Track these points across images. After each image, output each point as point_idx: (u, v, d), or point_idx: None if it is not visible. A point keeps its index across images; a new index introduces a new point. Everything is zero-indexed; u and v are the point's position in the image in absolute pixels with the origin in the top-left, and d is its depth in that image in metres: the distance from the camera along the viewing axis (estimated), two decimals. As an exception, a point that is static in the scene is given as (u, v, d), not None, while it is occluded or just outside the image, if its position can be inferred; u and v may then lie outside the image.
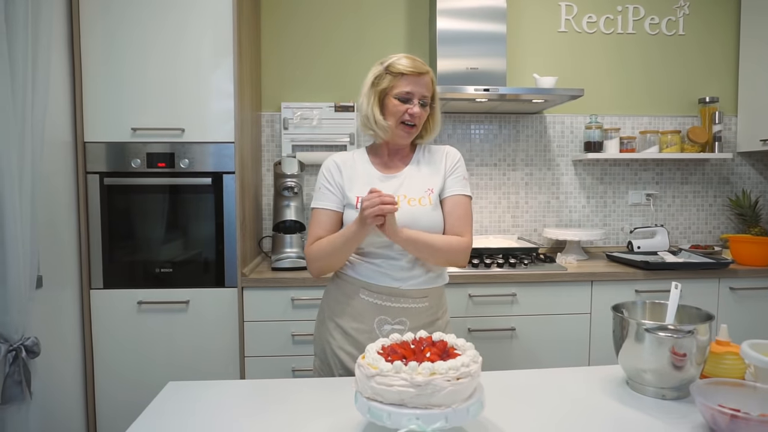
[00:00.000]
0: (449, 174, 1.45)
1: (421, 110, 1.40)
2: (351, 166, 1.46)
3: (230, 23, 2.09)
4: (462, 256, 1.41)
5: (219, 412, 1.10)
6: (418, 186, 1.42)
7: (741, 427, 0.93)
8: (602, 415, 1.09)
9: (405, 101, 1.38)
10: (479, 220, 2.83)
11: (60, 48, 2.00)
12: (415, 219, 1.37)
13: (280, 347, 2.16)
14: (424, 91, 1.39)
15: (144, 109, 2.09)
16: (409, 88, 1.37)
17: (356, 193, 1.40)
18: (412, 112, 1.38)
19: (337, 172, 1.44)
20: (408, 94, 1.38)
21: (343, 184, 1.43)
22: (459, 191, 1.44)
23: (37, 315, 1.72)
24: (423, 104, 1.40)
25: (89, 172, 2.10)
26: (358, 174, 1.44)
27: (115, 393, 2.12)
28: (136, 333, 2.12)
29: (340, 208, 1.43)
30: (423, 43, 2.76)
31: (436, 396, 0.89)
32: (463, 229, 1.41)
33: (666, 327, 1.15)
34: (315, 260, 1.40)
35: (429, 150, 1.51)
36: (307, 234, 1.47)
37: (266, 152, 2.72)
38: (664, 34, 2.86)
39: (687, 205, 2.93)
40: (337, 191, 1.43)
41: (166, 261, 2.14)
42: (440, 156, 1.48)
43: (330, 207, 1.43)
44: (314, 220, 1.44)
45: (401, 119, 1.39)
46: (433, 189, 1.43)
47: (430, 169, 1.46)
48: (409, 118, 1.38)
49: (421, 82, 1.38)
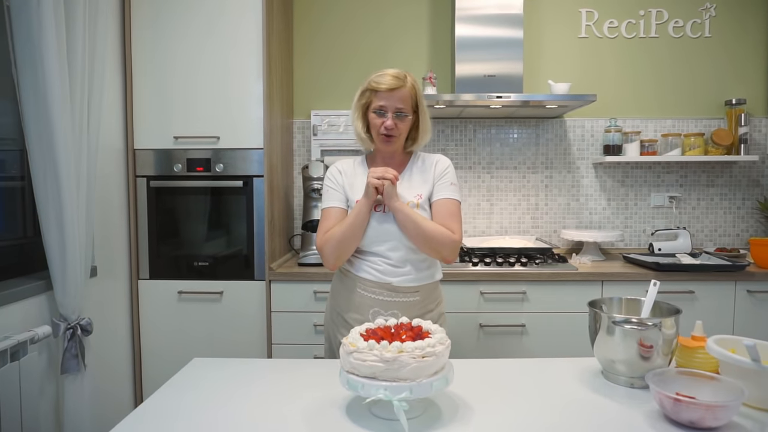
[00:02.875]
0: (437, 180, 1.57)
1: (396, 121, 1.51)
2: (351, 173, 1.62)
3: (260, 44, 2.31)
4: (448, 249, 1.49)
5: (231, 384, 1.29)
6: (408, 191, 1.56)
7: (682, 409, 1.02)
8: (574, 401, 1.18)
9: (381, 115, 1.52)
10: (499, 221, 2.93)
11: (114, 67, 2.27)
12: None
13: (304, 336, 2.35)
14: (397, 104, 1.50)
15: (185, 118, 2.35)
16: (383, 102, 1.50)
17: (356, 197, 1.56)
18: (386, 125, 1.51)
19: (339, 176, 1.61)
20: (382, 107, 1.51)
21: (345, 187, 1.59)
22: (447, 195, 1.56)
23: (92, 300, 1.99)
24: (399, 116, 1.51)
25: (138, 176, 2.38)
26: (357, 181, 1.59)
27: (159, 368, 2.38)
28: (177, 319, 2.38)
29: (346, 205, 1.59)
30: (445, 51, 2.89)
31: (402, 371, 1.03)
32: (451, 226, 1.51)
33: (632, 320, 1.25)
34: (328, 244, 1.50)
35: (422, 159, 1.63)
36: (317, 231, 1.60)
37: (297, 157, 2.93)
38: (689, 36, 2.85)
39: (713, 208, 2.91)
40: (341, 191, 1.59)
41: (203, 255, 2.38)
42: (430, 165, 1.61)
43: (337, 205, 1.58)
44: (323, 218, 1.60)
45: (379, 131, 1.53)
46: (422, 195, 1.56)
47: (420, 177, 1.59)
48: (384, 130, 1.52)
49: (394, 97, 1.50)
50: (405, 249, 1.53)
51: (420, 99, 1.56)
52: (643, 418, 1.09)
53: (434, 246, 1.49)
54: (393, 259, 1.53)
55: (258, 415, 1.11)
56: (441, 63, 2.89)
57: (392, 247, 1.53)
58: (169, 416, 1.12)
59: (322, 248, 1.53)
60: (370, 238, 1.53)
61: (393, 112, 1.51)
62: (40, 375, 1.69)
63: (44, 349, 1.72)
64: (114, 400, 2.17)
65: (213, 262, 2.38)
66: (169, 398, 1.21)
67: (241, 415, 1.11)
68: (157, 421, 1.10)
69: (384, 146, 1.56)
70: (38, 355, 1.66)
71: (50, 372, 1.76)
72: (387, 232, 1.52)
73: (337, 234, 1.49)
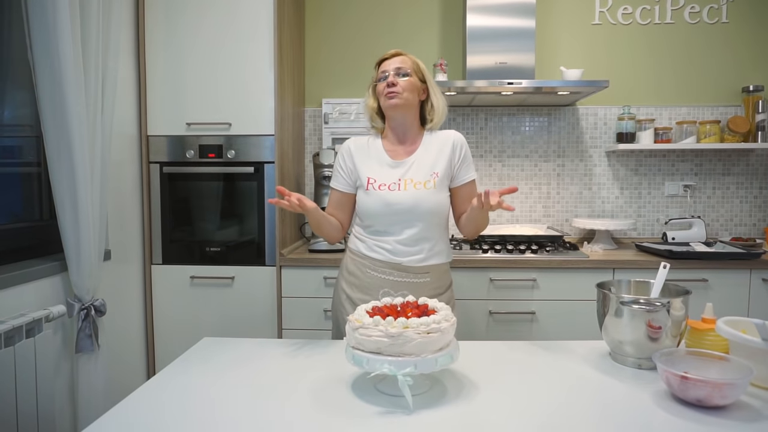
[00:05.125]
0: (459, 163, 1.59)
1: (397, 79, 1.55)
2: (365, 150, 1.62)
3: (272, 32, 2.33)
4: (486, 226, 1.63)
5: (240, 361, 1.31)
6: (423, 170, 1.56)
7: (689, 387, 1.01)
8: (580, 381, 1.18)
9: (383, 80, 1.56)
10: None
11: (128, 55, 2.30)
12: (418, 201, 1.52)
13: (314, 321, 2.36)
14: (397, 64, 1.57)
15: (197, 106, 2.37)
16: (384, 68, 1.58)
17: (367, 174, 1.57)
18: (388, 81, 1.54)
19: (349, 157, 1.62)
20: (383, 72, 1.57)
21: (355, 168, 1.60)
22: (469, 178, 1.61)
23: (106, 283, 2.03)
24: (399, 74, 1.55)
25: (152, 162, 2.41)
26: (371, 156, 1.61)
27: (171, 351, 2.38)
28: (189, 304, 2.41)
29: (350, 189, 1.62)
30: (457, 41, 2.87)
31: (407, 346, 1.04)
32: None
33: (641, 301, 1.24)
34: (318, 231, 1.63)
35: (435, 135, 1.64)
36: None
37: (309, 145, 2.95)
38: (706, 22, 2.80)
39: (729, 197, 2.86)
40: (348, 175, 1.61)
41: (215, 241, 2.41)
42: (445, 140, 1.60)
43: (341, 189, 1.62)
44: (329, 197, 1.66)
45: (384, 93, 1.55)
46: (438, 173, 1.55)
47: (435, 152, 1.59)
48: (386, 89, 1.54)
49: (394, 60, 1.58)
50: (418, 227, 1.54)
51: (425, 73, 1.61)
52: (650, 397, 1.08)
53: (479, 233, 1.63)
54: (404, 238, 1.54)
55: (264, 391, 1.13)
56: (453, 53, 2.87)
57: (406, 226, 1.54)
58: (178, 390, 1.14)
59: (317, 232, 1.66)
60: (382, 214, 1.53)
61: (393, 71, 1.55)
62: (55, 353, 1.73)
63: (59, 329, 1.76)
64: (127, 380, 2.21)
65: (224, 248, 2.41)
66: (179, 374, 1.23)
67: (248, 390, 1.13)
68: (167, 394, 1.12)
69: (389, 104, 1.55)
70: (53, 333, 1.69)
71: (65, 351, 1.80)
72: (397, 206, 1.52)
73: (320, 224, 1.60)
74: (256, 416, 1.01)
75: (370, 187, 1.55)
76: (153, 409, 1.05)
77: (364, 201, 1.57)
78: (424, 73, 1.59)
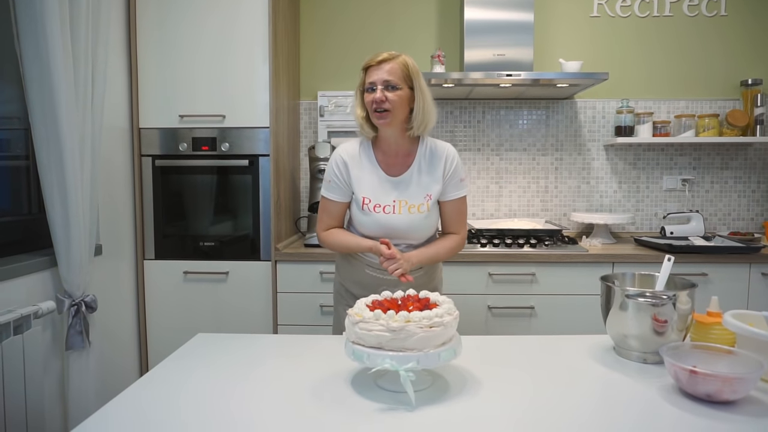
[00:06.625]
0: (448, 180, 1.56)
1: (386, 93, 1.46)
2: (358, 163, 1.56)
3: (266, 22, 2.28)
4: (460, 250, 1.67)
5: (235, 357, 1.27)
6: (418, 192, 1.55)
7: (699, 381, 0.99)
8: (584, 376, 1.16)
9: (371, 91, 1.48)
10: (508, 204, 2.89)
11: (119, 45, 2.25)
12: (412, 226, 1.55)
13: (310, 317, 2.33)
14: (385, 76, 1.46)
15: (190, 98, 2.32)
16: (372, 78, 1.47)
17: (363, 194, 1.54)
18: (375, 98, 1.46)
19: (344, 168, 1.56)
20: (371, 83, 1.48)
21: (350, 181, 1.56)
22: (456, 195, 1.59)
23: (97, 278, 1.98)
24: (388, 88, 1.46)
25: (143, 155, 2.35)
26: (365, 173, 1.56)
27: (165, 347, 2.35)
28: (183, 299, 2.36)
29: (346, 198, 1.59)
30: (454, 34, 2.84)
31: (409, 340, 1.01)
32: (458, 228, 1.63)
33: (646, 294, 1.21)
34: (327, 245, 1.63)
35: (431, 150, 1.57)
36: (318, 218, 1.64)
37: (304, 138, 2.90)
38: (704, 15, 2.78)
39: (727, 191, 2.85)
40: (344, 186, 1.57)
41: (209, 235, 2.37)
42: (440, 158, 1.56)
43: (337, 199, 1.59)
44: (324, 207, 1.60)
45: (372, 108, 1.48)
46: (431, 195, 1.55)
47: (430, 174, 1.56)
48: (374, 105, 1.47)
49: (382, 69, 1.46)
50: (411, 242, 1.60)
51: (416, 76, 1.50)
52: (657, 391, 1.06)
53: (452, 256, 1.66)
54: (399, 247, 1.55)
55: (260, 388, 1.10)
56: (450, 47, 2.83)
57: (399, 241, 1.56)
58: (172, 386, 1.10)
59: (321, 241, 1.64)
60: (377, 234, 1.55)
61: (381, 85, 1.46)
62: (45, 350, 1.68)
63: (48, 325, 1.71)
64: (119, 378, 2.17)
65: (219, 243, 2.36)
66: (173, 370, 1.19)
67: (245, 387, 1.09)
68: (161, 390, 1.08)
69: (379, 123, 1.50)
70: (42, 330, 1.65)
71: (55, 348, 1.75)
72: (393, 230, 1.55)
73: (335, 245, 1.61)
74: (251, 414, 0.98)
75: (366, 207, 1.54)
76: (146, 406, 1.01)
77: (359, 218, 1.57)
78: (413, 77, 1.49)
